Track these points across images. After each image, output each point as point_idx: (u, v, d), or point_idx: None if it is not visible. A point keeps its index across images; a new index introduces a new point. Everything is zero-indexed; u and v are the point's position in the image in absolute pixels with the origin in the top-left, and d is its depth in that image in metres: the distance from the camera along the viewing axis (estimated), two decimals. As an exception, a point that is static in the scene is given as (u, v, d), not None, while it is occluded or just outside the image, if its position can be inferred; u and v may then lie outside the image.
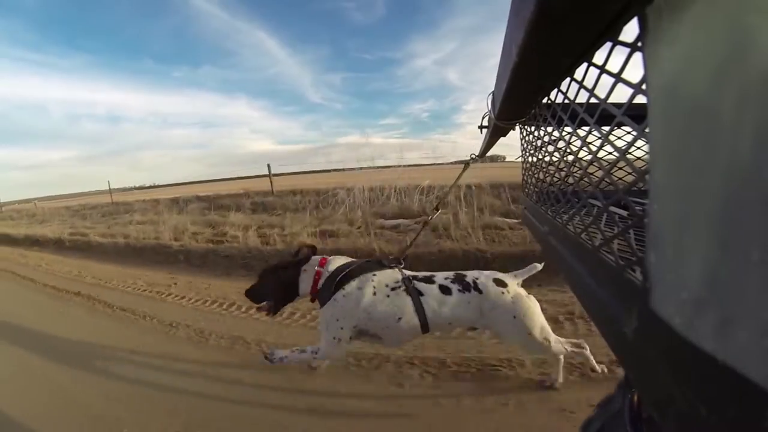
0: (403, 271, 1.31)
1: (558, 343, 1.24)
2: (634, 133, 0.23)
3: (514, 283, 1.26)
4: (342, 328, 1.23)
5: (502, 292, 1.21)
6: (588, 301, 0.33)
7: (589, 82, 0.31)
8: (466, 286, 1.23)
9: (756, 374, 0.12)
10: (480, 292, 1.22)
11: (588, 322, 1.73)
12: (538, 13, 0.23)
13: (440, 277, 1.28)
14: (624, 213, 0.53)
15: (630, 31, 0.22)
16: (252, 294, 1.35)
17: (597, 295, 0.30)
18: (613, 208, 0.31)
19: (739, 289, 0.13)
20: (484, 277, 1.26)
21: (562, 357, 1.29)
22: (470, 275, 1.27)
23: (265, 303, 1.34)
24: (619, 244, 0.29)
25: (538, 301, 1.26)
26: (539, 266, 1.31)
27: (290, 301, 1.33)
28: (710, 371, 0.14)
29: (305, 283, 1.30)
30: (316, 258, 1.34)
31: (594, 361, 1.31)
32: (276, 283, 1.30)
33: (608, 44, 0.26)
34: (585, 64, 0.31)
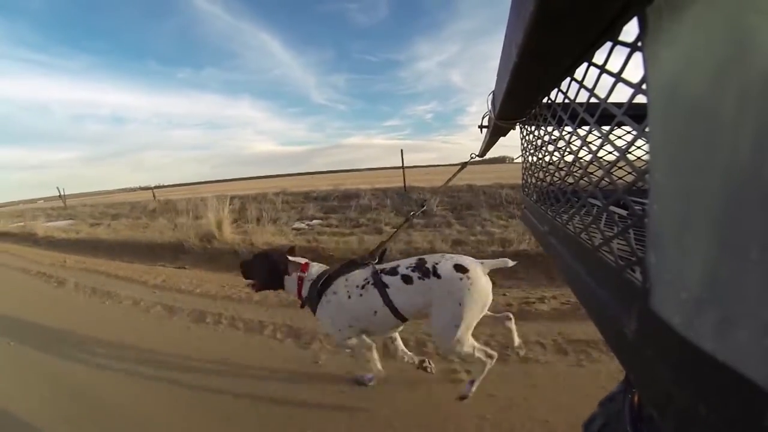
0: (375, 266, 1.28)
1: (470, 348, 1.16)
2: (634, 132, 0.23)
3: (477, 270, 1.16)
4: (340, 330, 1.26)
5: (460, 278, 1.13)
6: (588, 300, 0.33)
7: (589, 82, 0.31)
8: (425, 273, 1.17)
9: (756, 374, 0.12)
10: (438, 277, 1.15)
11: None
12: (539, 12, 0.23)
13: (403, 266, 1.23)
14: (624, 213, 0.53)
15: (630, 31, 0.22)
16: (244, 268, 1.41)
17: (597, 295, 0.30)
18: (613, 208, 0.31)
19: (739, 289, 0.13)
20: (446, 260, 1.18)
21: (485, 369, 1.20)
22: (431, 260, 1.20)
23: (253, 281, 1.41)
24: (618, 243, 0.29)
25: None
26: (511, 262, 1.24)
27: (273, 288, 1.38)
28: (710, 371, 0.14)
29: (290, 284, 1.34)
30: (299, 262, 1.36)
31: (476, 385, 1.21)
32: (264, 268, 1.36)
33: (608, 44, 0.26)
34: (585, 64, 0.31)
